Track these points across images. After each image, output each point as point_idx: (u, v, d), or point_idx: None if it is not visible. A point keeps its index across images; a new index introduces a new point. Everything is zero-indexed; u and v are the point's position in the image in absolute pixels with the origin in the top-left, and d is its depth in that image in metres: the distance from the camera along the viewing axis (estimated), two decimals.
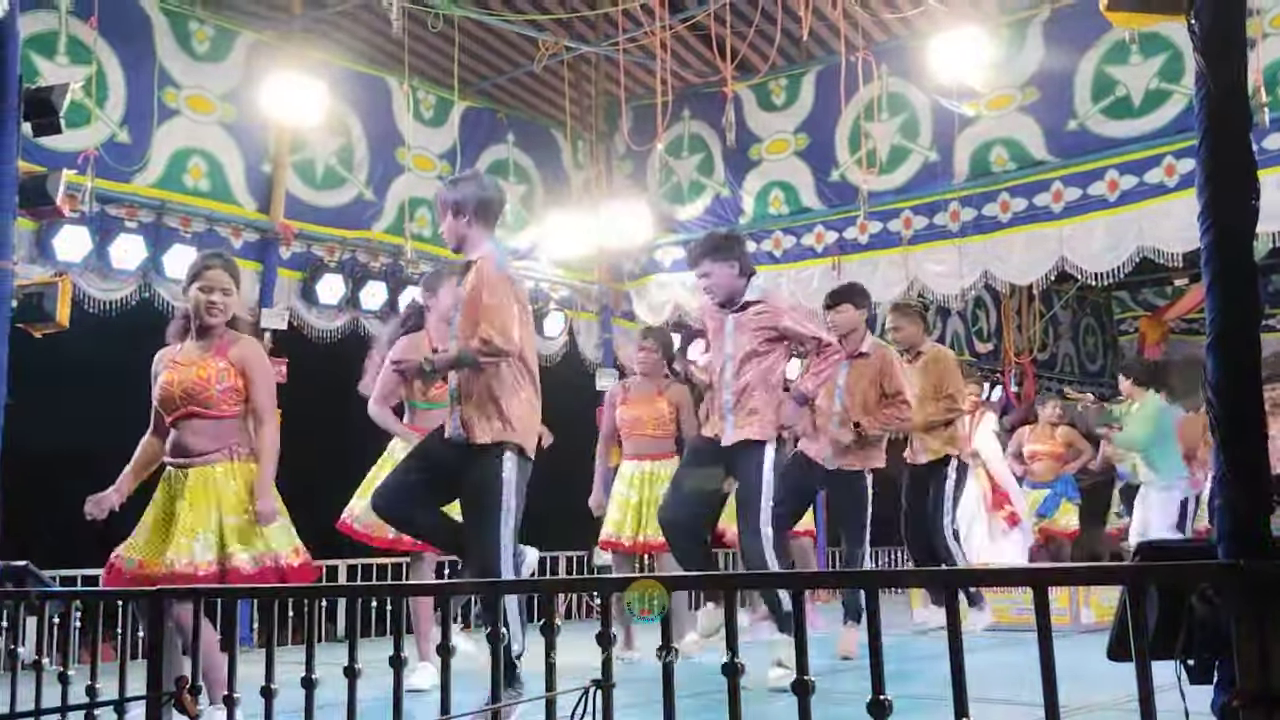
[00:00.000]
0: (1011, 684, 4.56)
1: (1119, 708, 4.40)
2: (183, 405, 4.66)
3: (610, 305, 11.44)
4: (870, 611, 2.16)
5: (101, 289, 8.12)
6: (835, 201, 9.95)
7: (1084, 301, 16.58)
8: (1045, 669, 1.96)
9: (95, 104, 8.05)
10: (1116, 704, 4.41)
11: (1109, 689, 4.27)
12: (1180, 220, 8.37)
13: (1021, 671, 4.99)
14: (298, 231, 9.15)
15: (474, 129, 10.54)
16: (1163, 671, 1.94)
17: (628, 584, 2.53)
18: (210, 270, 4.73)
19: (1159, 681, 1.90)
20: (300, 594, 3.33)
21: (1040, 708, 4.31)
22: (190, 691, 3.23)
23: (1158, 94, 8.43)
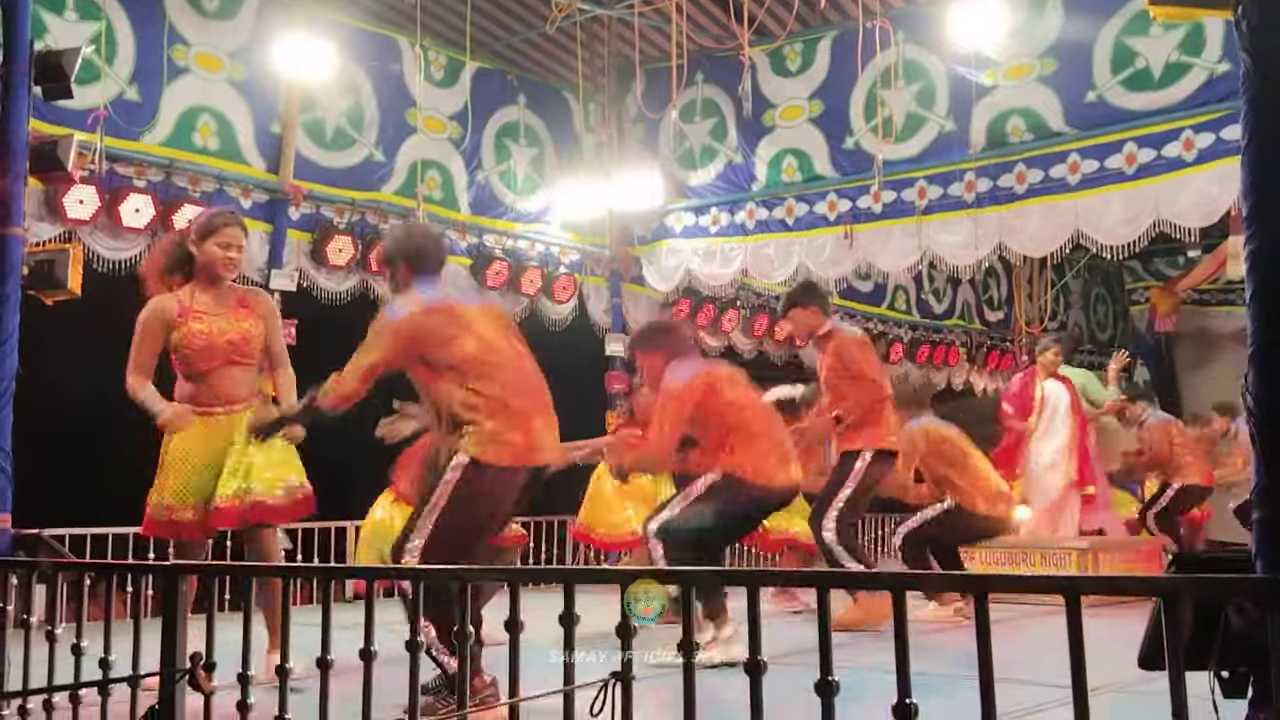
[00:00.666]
0: (1027, 664, 4.56)
1: (1131, 690, 4.40)
2: (225, 355, 4.95)
3: (620, 270, 11.38)
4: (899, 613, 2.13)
5: (110, 248, 8.08)
6: (849, 169, 9.87)
7: (1095, 270, 16.50)
8: (1075, 676, 1.93)
9: (104, 61, 7.97)
10: (1127, 686, 4.41)
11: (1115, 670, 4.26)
12: (1198, 194, 8.32)
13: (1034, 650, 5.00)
14: (307, 192, 9.09)
15: (485, 90, 10.45)
16: (1195, 681, 1.91)
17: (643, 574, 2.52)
18: (229, 227, 5.01)
19: (1191, 691, 1.87)
20: (312, 574, 3.31)
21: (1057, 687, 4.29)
22: (204, 668, 3.22)
23: (1178, 66, 8.33)
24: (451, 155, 10.17)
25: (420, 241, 4.66)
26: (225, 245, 4.97)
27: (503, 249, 10.46)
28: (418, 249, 4.59)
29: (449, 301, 4.52)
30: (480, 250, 10.29)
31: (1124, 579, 1.90)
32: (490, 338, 4.45)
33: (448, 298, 4.56)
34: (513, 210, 10.64)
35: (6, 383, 4.82)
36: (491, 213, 10.47)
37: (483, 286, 10.22)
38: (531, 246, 10.77)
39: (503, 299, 10.45)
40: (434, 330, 4.37)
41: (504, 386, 4.35)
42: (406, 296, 4.51)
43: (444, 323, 4.39)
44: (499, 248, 10.44)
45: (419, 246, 4.61)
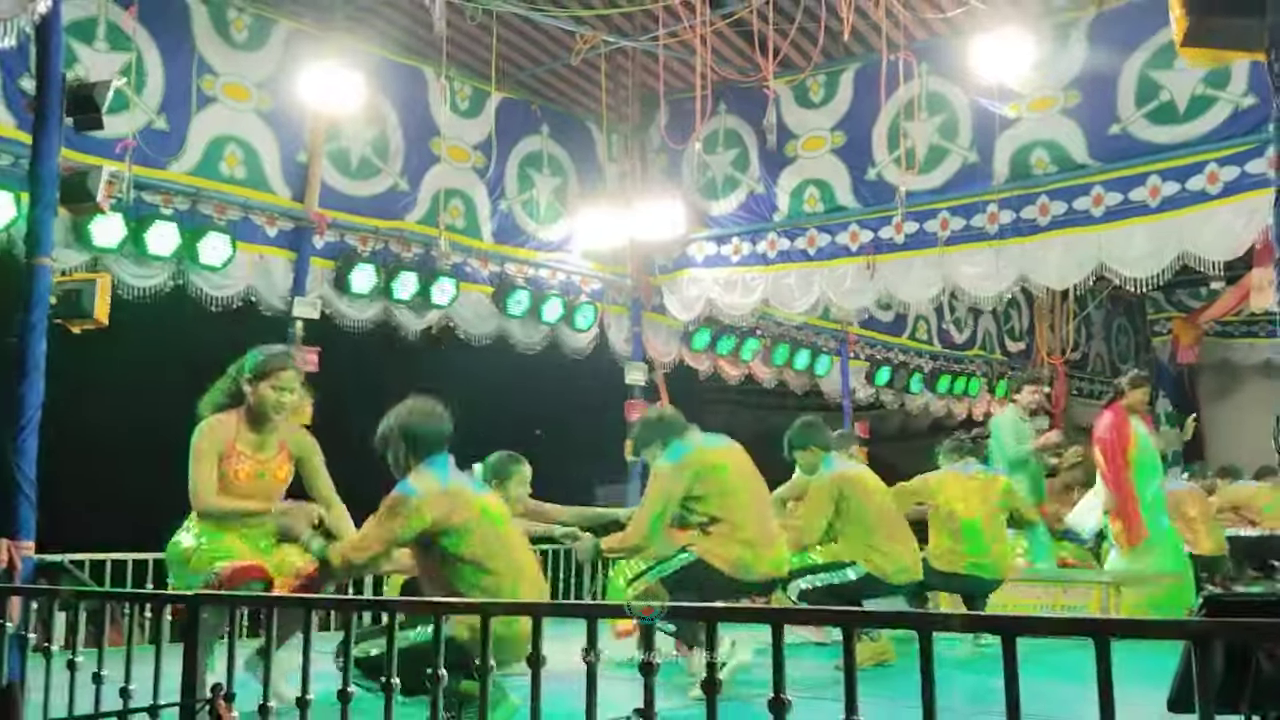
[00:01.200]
0: (1047, 699, 4.51)
1: None
2: (257, 496, 5.01)
3: (642, 299, 11.39)
4: None
5: (136, 275, 8.13)
6: (871, 200, 9.86)
7: (1117, 301, 16.44)
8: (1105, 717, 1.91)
9: (133, 91, 8.04)
10: None
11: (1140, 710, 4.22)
12: (1222, 228, 8.28)
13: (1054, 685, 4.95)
14: (331, 221, 9.14)
15: (509, 120, 10.50)
16: None
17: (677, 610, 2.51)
18: (285, 371, 5.06)
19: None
20: (334, 605, 3.31)
21: None
22: (225, 699, 3.22)
23: (1202, 100, 8.31)
24: (475, 184, 10.22)
25: (419, 422, 4.70)
26: (279, 389, 5.02)
27: (524, 278, 10.49)
28: (417, 432, 4.66)
29: (460, 486, 4.64)
30: (502, 279, 10.31)
31: (1154, 623, 1.88)
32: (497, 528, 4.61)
33: (459, 482, 4.67)
34: (535, 239, 10.68)
35: (32, 411, 4.84)
36: (513, 241, 10.51)
37: (503, 314, 10.25)
38: (553, 275, 10.80)
39: (524, 327, 10.48)
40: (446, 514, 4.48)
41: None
42: (417, 475, 4.59)
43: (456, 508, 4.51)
44: (520, 276, 10.47)
45: (418, 429, 4.67)
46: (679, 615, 3.00)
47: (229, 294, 8.61)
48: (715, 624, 2.54)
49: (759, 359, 12.46)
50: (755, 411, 15.56)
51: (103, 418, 8.19)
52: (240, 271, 8.63)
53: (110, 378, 8.25)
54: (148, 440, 7.52)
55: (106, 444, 8.30)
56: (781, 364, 12.66)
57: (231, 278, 8.58)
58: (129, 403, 8.43)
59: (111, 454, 8.31)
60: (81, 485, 8.10)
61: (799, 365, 12.79)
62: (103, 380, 8.16)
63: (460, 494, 4.57)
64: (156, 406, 8.68)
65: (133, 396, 8.48)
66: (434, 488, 4.51)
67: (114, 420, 8.29)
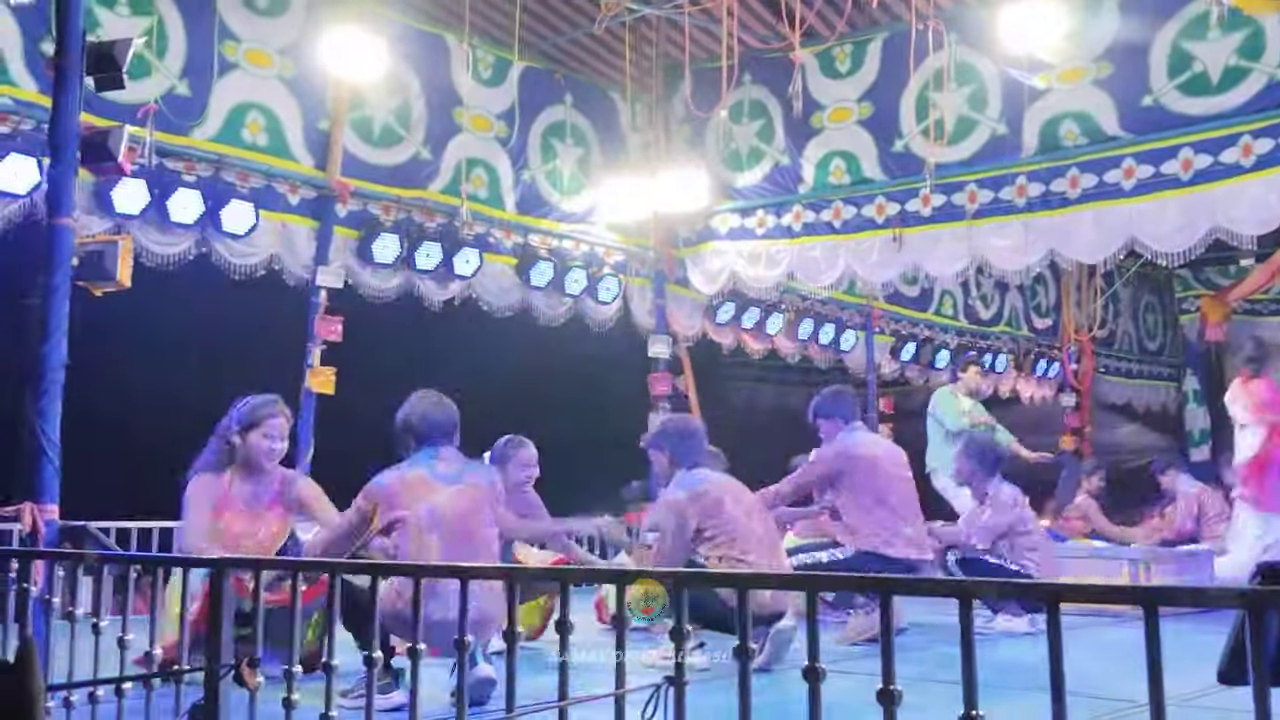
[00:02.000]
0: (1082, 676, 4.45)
1: (1187, 704, 4.30)
2: (249, 549, 5.11)
3: (665, 272, 11.31)
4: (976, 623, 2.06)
5: (159, 243, 8.10)
6: (898, 172, 9.74)
7: (1145, 278, 16.29)
8: (1153, 690, 1.85)
9: (155, 56, 8.00)
10: (1184, 699, 4.31)
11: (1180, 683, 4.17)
12: (1255, 201, 8.15)
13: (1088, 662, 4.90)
14: (354, 189, 9.09)
15: (532, 89, 10.42)
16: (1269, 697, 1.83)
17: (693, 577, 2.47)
18: (275, 419, 5.24)
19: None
20: (359, 570, 3.27)
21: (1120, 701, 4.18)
22: (249, 664, 3.19)
23: (1236, 71, 8.16)
24: (498, 154, 10.15)
25: (414, 414, 4.94)
26: (270, 436, 5.20)
27: (547, 249, 10.43)
28: (410, 424, 4.92)
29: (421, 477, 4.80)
30: (525, 250, 10.26)
31: (1208, 590, 1.82)
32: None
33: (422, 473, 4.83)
34: (558, 210, 10.61)
35: (54, 374, 4.82)
36: (536, 212, 10.44)
37: (527, 286, 10.19)
38: (576, 246, 10.73)
39: (547, 299, 10.42)
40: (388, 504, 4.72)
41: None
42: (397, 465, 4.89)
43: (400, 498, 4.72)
44: (544, 248, 10.40)
45: (411, 421, 4.92)
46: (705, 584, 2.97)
47: (252, 262, 8.57)
48: (746, 591, 2.48)
49: (783, 333, 12.37)
50: (778, 386, 15.49)
51: (126, 384, 8.17)
52: (264, 240, 8.60)
53: (135, 345, 8.22)
54: (172, 408, 7.50)
55: (131, 410, 8.28)
56: (806, 338, 12.56)
57: (255, 246, 8.55)
58: (153, 370, 8.42)
59: (137, 421, 8.29)
60: (104, 451, 8.10)
61: (823, 340, 12.70)
62: (127, 348, 8.14)
63: (417, 481, 4.78)
64: (181, 375, 8.70)
65: (156, 364, 8.46)
66: (390, 477, 4.79)
67: (138, 388, 8.27)
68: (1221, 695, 3.90)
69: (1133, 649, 1.91)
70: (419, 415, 4.95)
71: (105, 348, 7.88)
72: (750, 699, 2.33)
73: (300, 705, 3.03)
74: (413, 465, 4.90)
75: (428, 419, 4.94)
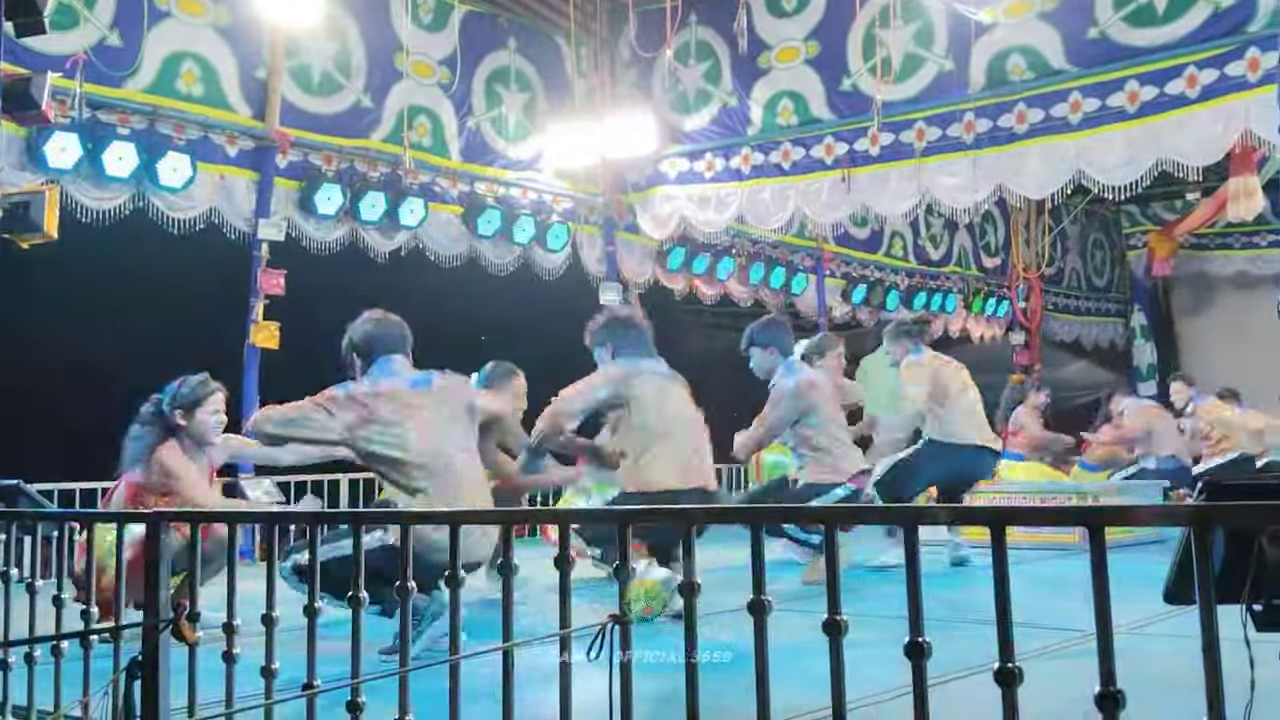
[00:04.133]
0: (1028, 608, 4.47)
1: (1136, 631, 4.33)
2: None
3: (614, 218, 11.21)
4: None
5: (94, 198, 7.92)
6: (846, 112, 9.68)
7: (1092, 215, 16.37)
8: (1100, 613, 1.82)
9: (83, 5, 7.78)
10: (1132, 627, 4.33)
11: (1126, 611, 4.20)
12: (1201, 132, 8.18)
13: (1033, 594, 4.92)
14: (293, 139, 8.91)
15: (474, 34, 10.24)
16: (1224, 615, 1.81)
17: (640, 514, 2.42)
18: (216, 394, 5.32)
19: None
20: (300, 519, 3.20)
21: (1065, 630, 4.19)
22: (188, 618, 3.12)
23: (1182, 1, 8.14)
24: (441, 101, 9.98)
25: (367, 328, 4.81)
26: (216, 411, 5.29)
27: (494, 197, 10.29)
28: (365, 337, 4.78)
29: (394, 387, 4.66)
30: (471, 199, 10.12)
31: (1149, 508, 1.79)
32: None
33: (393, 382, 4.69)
34: (504, 157, 10.47)
35: None
36: (482, 160, 10.29)
37: (474, 235, 10.07)
38: (524, 194, 10.60)
39: (495, 248, 10.30)
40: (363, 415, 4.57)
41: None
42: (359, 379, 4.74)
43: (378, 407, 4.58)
44: (490, 196, 10.27)
45: (365, 334, 4.79)
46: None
47: (191, 216, 8.40)
48: (691, 529, 2.44)
49: (734, 278, 12.33)
50: (731, 332, 15.43)
51: (62, 343, 8.00)
52: (201, 193, 8.42)
53: (72, 303, 8.05)
54: (111, 366, 7.35)
55: (67, 369, 8.11)
56: (757, 283, 12.53)
57: (193, 199, 8.37)
58: (91, 328, 8.24)
59: (74, 379, 8.13)
60: (39, 411, 7.94)
61: (775, 284, 12.67)
62: (63, 305, 7.97)
63: (392, 394, 4.61)
64: (120, 332, 8.52)
65: (95, 322, 8.29)
66: (361, 388, 4.63)
67: (74, 346, 8.10)
68: (1172, 621, 3.92)
69: (1082, 580, 1.88)
70: (363, 333, 4.80)
71: (40, 306, 7.72)
72: (696, 635, 2.29)
73: (241, 659, 2.97)
74: (375, 376, 4.70)
75: (374, 335, 4.79)
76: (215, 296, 8.66)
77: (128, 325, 8.18)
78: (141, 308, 8.25)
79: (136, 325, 8.14)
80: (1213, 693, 1.68)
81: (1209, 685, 1.70)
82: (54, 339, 7.89)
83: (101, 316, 8.16)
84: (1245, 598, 1.81)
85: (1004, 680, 1.87)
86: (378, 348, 4.74)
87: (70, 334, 8.07)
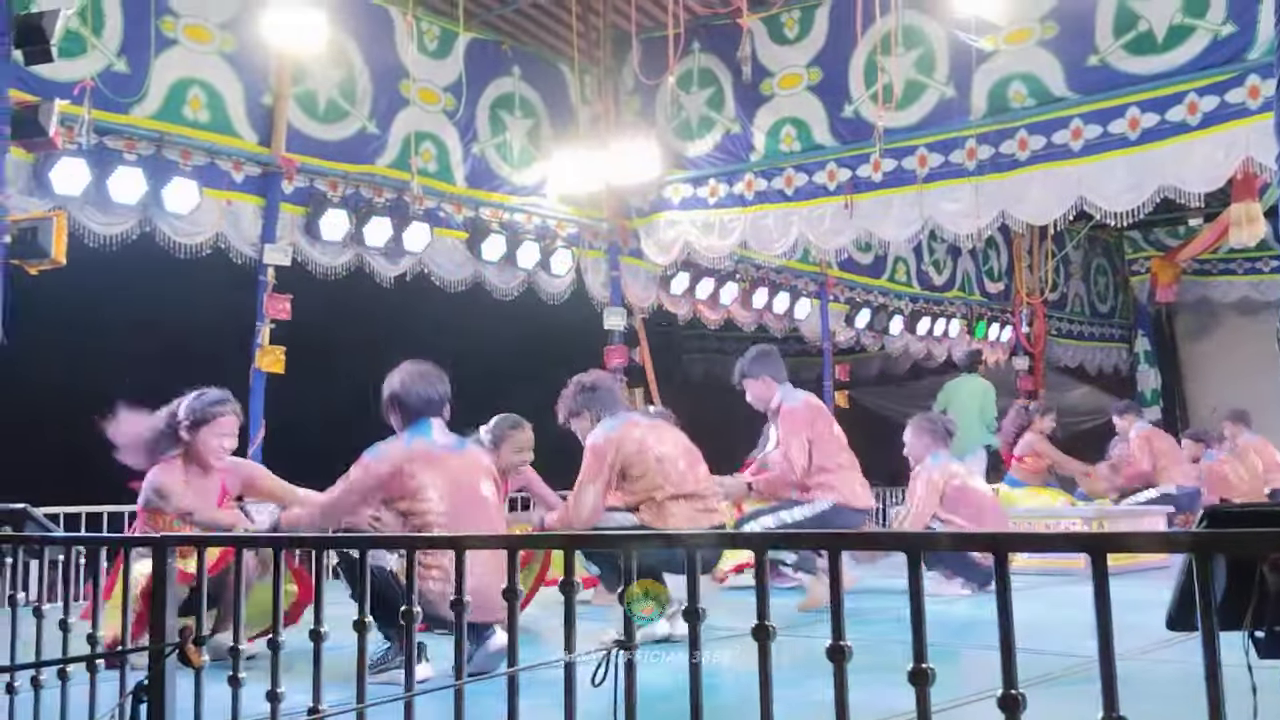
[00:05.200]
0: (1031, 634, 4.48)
1: (1140, 658, 4.33)
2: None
3: (618, 243, 11.26)
4: None
5: (101, 223, 7.96)
6: (848, 138, 9.73)
7: (1095, 241, 16.42)
8: (1102, 638, 1.83)
9: (91, 33, 7.84)
10: (1135, 653, 4.34)
11: (1130, 637, 4.19)
12: (1202, 159, 8.20)
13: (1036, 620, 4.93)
14: (299, 165, 8.96)
15: (479, 61, 10.31)
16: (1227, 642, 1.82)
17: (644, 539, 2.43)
18: (226, 418, 5.10)
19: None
20: (309, 544, 3.21)
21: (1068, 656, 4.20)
22: (195, 642, 3.13)
23: (1181, 29, 8.19)
24: (446, 127, 10.04)
25: (405, 387, 4.76)
26: (220, 434, 5.07)
27: (499, 222, 10.34)
28: (401, 398, 4.74)
29: (426, 448, 4.65)
30: (476, 224, 10.16)
31: (1153, 535, 1.80)
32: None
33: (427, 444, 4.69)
34: (509, 183, 10.52)
35: None
36: (487, 185, 10.34)
37: (479, 260, 10.11)
38: (528, 219, 10.65)
39: (499, 273, 10.34)
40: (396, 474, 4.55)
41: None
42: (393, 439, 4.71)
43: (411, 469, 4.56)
44: (495, 221, 10.31)
45: (403, 394, 4.74)
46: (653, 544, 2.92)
47: (197, 241, 8.44)
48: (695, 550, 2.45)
49: (738, 302, 12.36)
50: (735, 357, 15.44)
51: (70, 367, 8.03)
52: (208, 218, 8.46)
53: (80, 328, 8.09)
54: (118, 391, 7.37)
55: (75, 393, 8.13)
56: (761, 307, 12.55)
57: (199, 225, 8.41)
58: (99, 353, 8.28)
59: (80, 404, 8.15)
60: (46, 435, 7.96)
61: (778, 308, 12.69)
62: (71, 330, 8.00)
63: (422, 455, 4.62)
64: (127, 357, 8.55)
65: (102, 347, 8.33)
66: (395, 449, 4.63)
67: (82, 370, 8.13)
68: (1176, 647, 3.93)
69: (1083, 606, 1.89)
70: (407, 389, 4.77)
71: (48, 330, 7.75)
72: (700, 660, 2.30)
73: (247, 683, 2.98)
74: (409, 437, 4.74)
75: (418, 394, 4.77)
76: (221, 321, 8.70)
77: (134, 349, 8.23)
78: (148, 332, 8.30)
79: (143, 349, 8.19)
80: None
81: (1211, 713, 1.71)
82: (61, 363, 7.92)
83: (108, 341, 8.20)
84: (1247, 625, 1.83)
85: (1006, 707, 1.88)
86: (425, 410, 4.75)
87: (77, 358, 8.11)
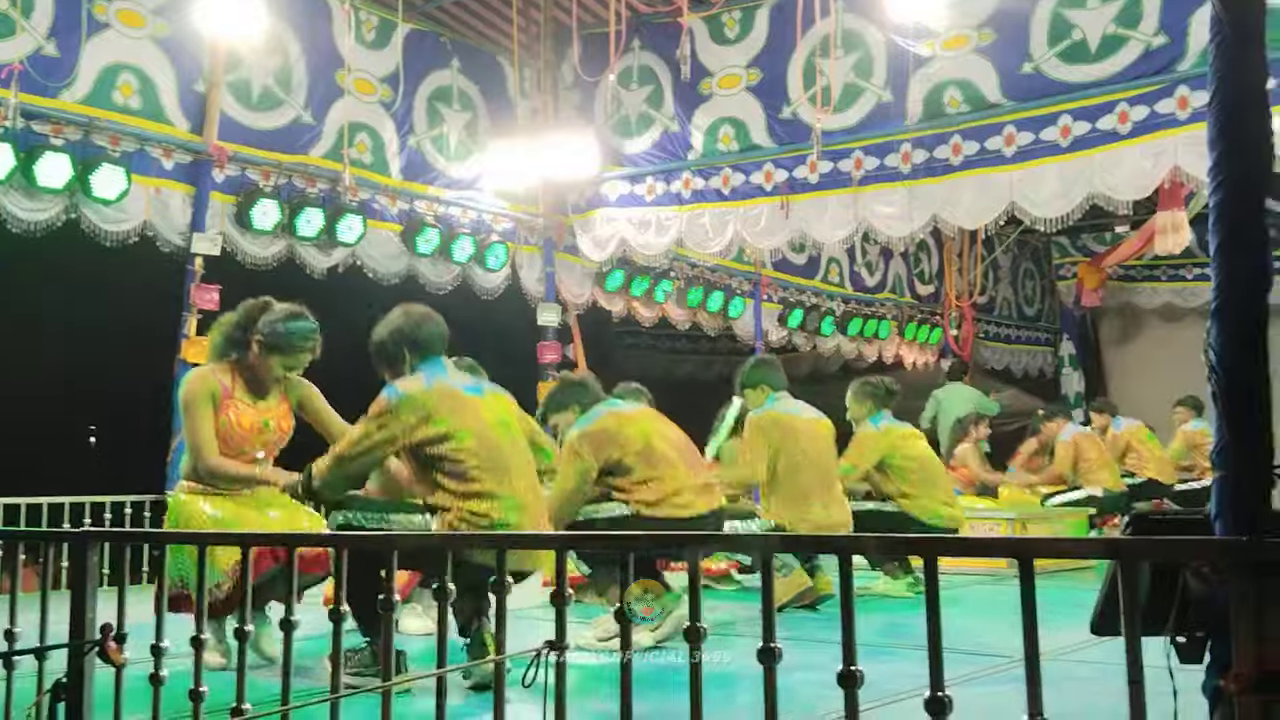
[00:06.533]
0: (960, 634, 4.53)
1: (1064, 658, 4.40)
2: (260, 447, 4.86)
3: (554, 239, 11.23)
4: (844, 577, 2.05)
5: (27, 209, 7.78)
6: (786, 139, 9.77)
7: (1024, 246, 16.67)
8: (1028, 641, 1.86)
9: (20, 14, 7.66)
10: (1060, 653, 4.40)
11: (1056, 637, 4.25)
12: (1131, 168, 8.35)
13: (966, 621, 4.99)
14: (231, 154, 8.83)
15: (417, 53, 10.21)
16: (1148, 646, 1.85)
17: (577, 539, 2.43)
18: (304, 353, 4.85)
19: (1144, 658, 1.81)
20: (270, 541, 3.17)
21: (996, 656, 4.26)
22: (115, 639, 3.07)
23: (1114, 39, 8.33)
24: (382, 118, 9.94)
25: (413, 325, 4.60)
26: (291, 368, 4.86)
27: (434, 216, 10.25)
28: (412, 336, 4.56)
29: (449, 387, 4.46)
30: (411, 217, 10.08)
31: (1079, 541, 1.83)
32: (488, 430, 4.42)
33: (448, 382, 4.50)
34: (445, 176, 10.44)
35: None
36: (423, 178, 10.26)
37: (412, 254, 10.02)
38: (464, 214, 10.58)
39: (434, 266, 10.26)
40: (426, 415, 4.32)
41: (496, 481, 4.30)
42: (407, 378, 4.46)
43: (439, 408, 4.34)
44: (430, 214, 10.22)
45: (413, 332, 4.57)
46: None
47: (124, 229, 8.26)
48: None
49: (672, 301, 12.39)
50: (669, 355, 15.52)
51: None
52: (136, 206, 8.30)
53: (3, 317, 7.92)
54: (40, 380, 7.24)
55: None
56: (695, 306, 12.59)
57: (126, 212, 8.25)
58: (20, 342, 8.11)
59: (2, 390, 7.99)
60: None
61: (712, 307, 12.74)
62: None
63: (448, 394, 4.42)
64: (50, 346, 8.39)
65: (24, 335, 8.16)
66: (417, 387, 4.38)
67: (2, 360, 7.96)
68: (1098, 648, 3.99)
69: (1012, 606, 1.92)
70: (414, 324, 4.60)
71: None
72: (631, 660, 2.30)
73: (168, 682, 2.94)
74: (425, 375, 4.48)
75: (432, 334, 4.61)
76: (148, 310, 8.55)
77: (58, 337, 8.07)
78: (73, 320, 8.13)
79: (67, 337, 8.03)
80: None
81: (1134, 717, 1.74)
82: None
83: (32, 328, 8.03)
84: (1169, 630, 1.86)
85: (934, 710, 1.90)
86: (435, 346, 4.58)
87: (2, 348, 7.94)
